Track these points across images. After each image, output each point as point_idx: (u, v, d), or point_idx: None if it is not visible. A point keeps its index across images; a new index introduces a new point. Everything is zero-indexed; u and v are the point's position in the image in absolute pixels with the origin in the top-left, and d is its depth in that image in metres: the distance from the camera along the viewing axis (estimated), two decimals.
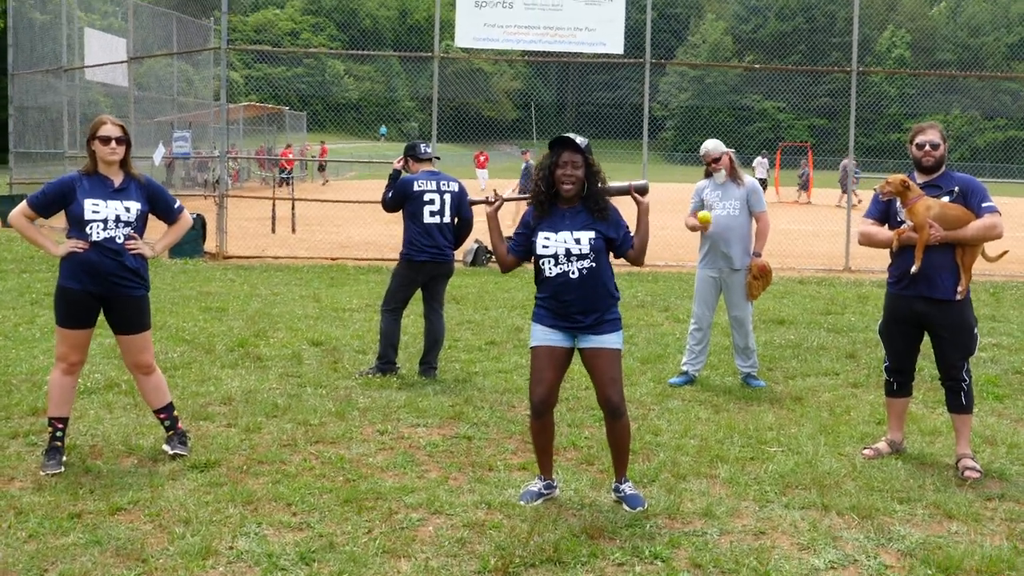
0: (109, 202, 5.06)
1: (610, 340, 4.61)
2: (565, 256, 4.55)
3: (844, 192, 23.99)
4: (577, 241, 4.54)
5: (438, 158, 7.77)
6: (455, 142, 45.30)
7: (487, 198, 4.83)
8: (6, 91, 21.95)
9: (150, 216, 5.35)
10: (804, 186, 33.79)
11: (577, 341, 4.64)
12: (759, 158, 33.52)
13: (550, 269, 4.59)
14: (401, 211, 7.37)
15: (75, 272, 5.04)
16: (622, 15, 15.07)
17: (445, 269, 7.37)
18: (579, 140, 4.58)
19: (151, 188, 5.30)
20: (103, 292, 5.08)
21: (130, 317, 5.19)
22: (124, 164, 5.19)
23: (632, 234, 4.71)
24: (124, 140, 5.12)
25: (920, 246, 5.22)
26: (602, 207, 4.62)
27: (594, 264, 4.57)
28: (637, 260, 4.76)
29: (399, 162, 7.52)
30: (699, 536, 4.31)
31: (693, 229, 7.19)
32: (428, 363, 7.33)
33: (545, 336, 4.64)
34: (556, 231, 4.58)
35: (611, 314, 4.64)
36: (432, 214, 7.24)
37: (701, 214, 7.00)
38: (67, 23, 20.22)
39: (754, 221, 7.30)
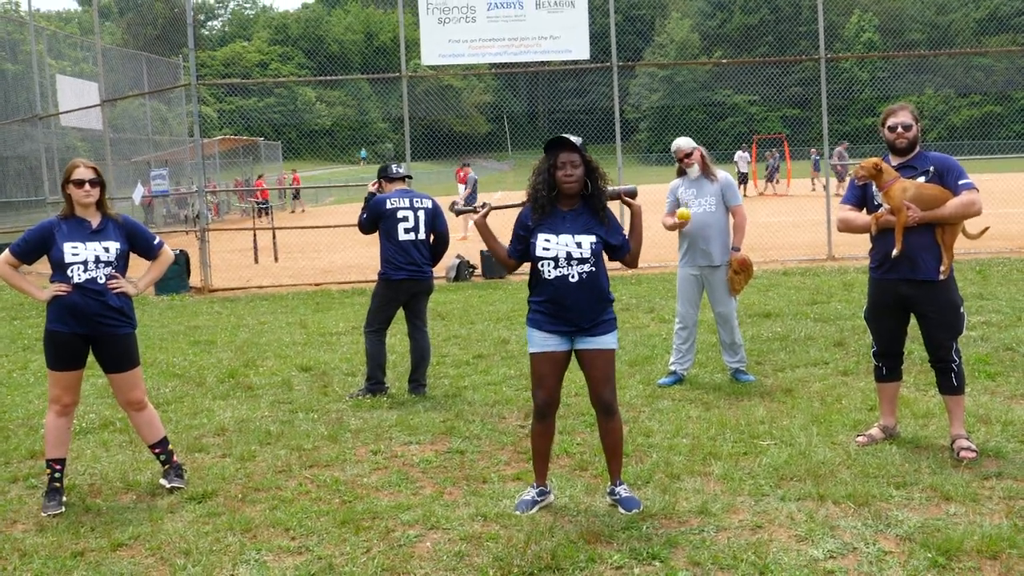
0: (88, 244, 5.11)
1: (607, 341, 4.65)
2: (566, 259, 4.57)
3: (840, 180, 24.11)
4: (579, 245, 4.57)
5: (410, 177, 7.81)
6: (430, 160, 45.32)
7: (474, 207, 4.86)
8: None
9: (132, 255, 5.39)
10: (771, 177, 33.90)
11: (574, 343, 4.67)
12: (740, 152, 33.38)
13: (549, 272, 4.60)
14: (378, 230, 7.40)
15: (61, 315, 5.10)
16: (585, 21, 15.14)
17: (424, 286, 7.39)
18: (574, 139, 4.60)
19: (128, 226, 5.34)
20: (90, 333, 5.13)
21: (118, 355, 5.24)
22: (100, 205, 5.23)
23: (627, 238, 4.75)
24: (98, 182, 5.17)
25: (899, 228, 5.21)
26: (603, 207, 4.66)
27: (594, 268, 4.60)
28: (633, 263, 4.83)
29: (373, 185, 7.58)
30: (696, 534, 4.32)
31: (672, 228, 7.21)
32: (417, 380, 7.34)
33: (544, 342, 4.66)
34: (557, 233, 4.59)
35: (607, 315, 4.68)
36: (407, 231, 7.27)
37: (680, 211, 7.04)
38: (39, 71, 20.24)
39: (731, 215, 7.34)
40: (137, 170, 26.10)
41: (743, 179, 31.74)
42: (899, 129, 5.34)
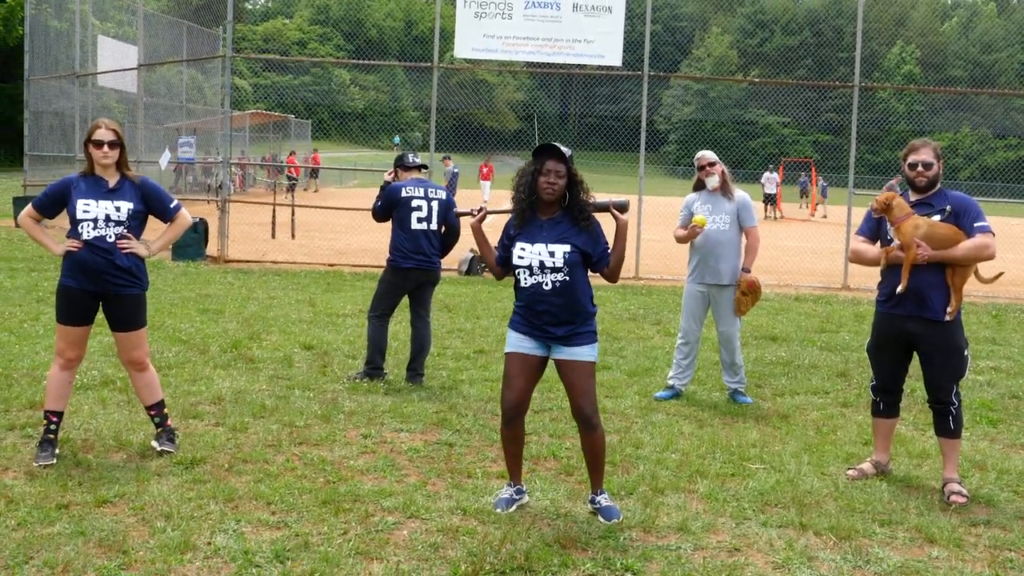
0: (100, 202, 5.18)
1: (582, 352, 4.63)
2: (539, 268, 4.58)
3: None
4: (552, 254, 4.57)
5: (426, 167, 7.84)
6: (456, 152, 45.41)
7: (471, 210, 4.87)
8: (23, 96, 22.18)
9: (152, 218, 5.47)
10: (805, 192, 33.54)
11: (551, 352, 4.67)
12: (768, 173, 32.98)
13: (525, 279, 4.62)
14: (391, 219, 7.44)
15: (72, 270, 5.20)
16: (621, 27, 15.11)
17: (431, 276, 7.42)
18: (564, 150, 4.60)
19: (145, 187, 5.39)
20: (98, 290, 5.22)
21: (125, 314, 5.31)
22: (120, 166, 5.29)
23: (610, 251, 4.73)
24: (117, 144, 5.23)
25: (906, 265, 5.18)
26: (585, 217, 4.64)
27: (568, 278, 4.59)
28: (612, 277, 4.77)
29: (389, 174, 7.61)
30: (672, 551, 4.31)
31: (686, 238, 7.19)
32: (415, 370, 7.37)
33: (519, 343, 4.68)
34: (532, 242, 4.60)
35: (585, 327, 4.65)
36: (419, 220, 7.30)
37: (697, 216, 7.02)
38: (82, 30, 20.43)
39: (744, 236, 7.33)
40: (168, 136, 26.27)
41: (769, 200, 31.39)
42: (919, 167, 5.30)
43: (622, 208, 4.71)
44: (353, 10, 71.50)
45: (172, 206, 5.49)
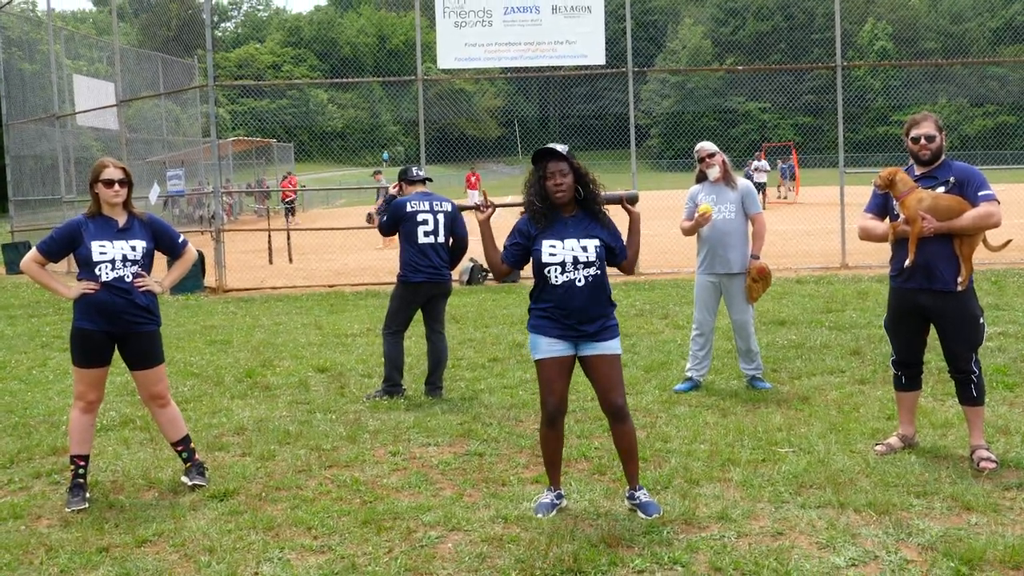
0: (115, 242, 5.17)
1: (611, 346, 4.68)
2: (572, 264, 4.60)
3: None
4: (584, 249, 4.60)
5: (430, 180, 7.85)
6: (441, 163, 45.39)
7: (477, 205, 4.88)
8: (2, 141, 22.13)
9: (156, 253, 5.45)
10: (791, 176, 33.60)
11: (579, 349, 4.69)
12: (756, 162, 32.87)
13: (556, 277, 4.62)
14: (398, 233, 7.45)
15: (88, 312, 5.16)
16: (602, 27, 15.14)
17: (442, 289, 7.43)
18: (560, 148, 4.63)
19: (155, 225, 5.40)
20: (116, 330, 5.20)
21: (144, 352, 5.30)
22: (126, 204, 5.29)
23: (624, 244, 4.77)
24: (126, 182, 5.24)
25: (913, 238, 5.21)
26: (600, 208, 4.69)
27: (599, 271, 4.64)
28: (629, 269, 4.85)
29: (395, 187, 7.63)
30: (717, 540, 4.33)
31: (692, 231, 7.21)
32: (433, 383, 7.38)
33: (550, 347, 4.68)
34: (563, 239, 4.62)
35: (611, 320, 4.71)
36: (426, 234, 7.31)
37: (702, 205, 7.05)
38: (56, 71, 20.39)
39: (750, 223, 7.36)
40: (152, 170, 26.23)
41: (759, 188, 31.27)
42: (922, 140, 5.32)
43: (633, 200, 4.78)
44: (325, 29, 71.58)
45: (180, 242, 5.52)
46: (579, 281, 4.60)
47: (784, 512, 4.66)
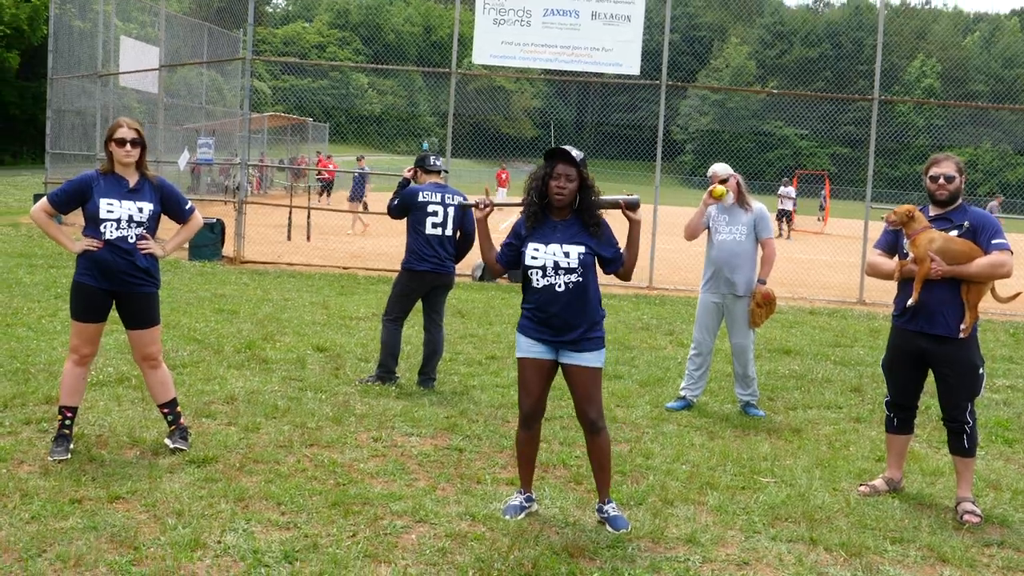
0: (123, 202, 5.22)
1: (589, 359, 4.64)
2: (553, 268, 4.58)
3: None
4: (566, 255, 4.57)
5: (446, 171, 7.86)
6: (472, 158, 45.46)
7: (477, 203, 4.87)
8: (45, 95, 22.39)
9: (163, 217, 5.51)
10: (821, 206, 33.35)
11: (559, 356, 4.67)
12: (783, 188, 32.30)
13: (537, 280, 4.62)
14: (406, 220, 7.46)
15: (89, 269, 5.22)
16: (640, 36, 15.09)
17: (445, 280, 7.44)
18: (575, 153, 4.60)
19: (164, 189, 5.44)
20: (115, 288, 5.26)
21: (140, 312, 5.35)
22: (139, 165, 5.33)
23: (622, 251, 4.73)
24: (139, 142, 5.26)
25: (919, 279, 5.15)
26: (595, 221, 4.64)
27: (581, 279, 4.60)
28: (626, 276, 4.79)
29: (409, 171, 7.65)
30: (681, 562, 4.30)
31: (695, 225, 7.17)
32: (427, 374, 7.39)
33: (530, 348, 4.68)
34: (546, 243, 4.60)
35: (594, 332, 4.65)
36: (434, 225, 7.33)
37: (717, 188, 7.00)
38: (105, 31, 20.59)
39: (760, 248, 7.31)
40: (187, 136, 26.44)
41: (784, 216, 30.37)
42: (941, 180, 5.25)
43: (633, 206, 4.67)
44: (372, 15, 71.89)
45: (187, 208, 5.56)
46: (559, 287, 4.58)
47: (754, 542, 4.62)
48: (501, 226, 11.56)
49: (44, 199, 5.37)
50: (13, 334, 8.27)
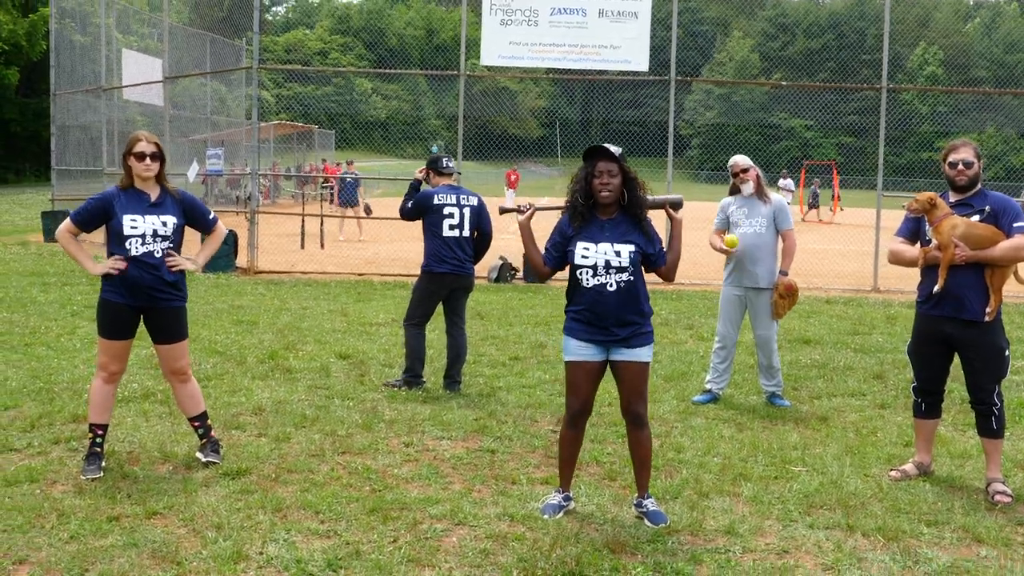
0: (147, 217, 5.20)
1: (640, 353, 4.67)
2: (604, 268, 4.59)
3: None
4: (618, 254, 4.58)
5: (459, 173, 7.87)
6: (480, 160, 45.48)
7: (519, 207, 4.89)
8: (49, 110, 22.47)
9: (187, 229, 5.52)
10: (815, 204, 33.34)
11: (610, 353, 4.69)
12: (783, 180, 32.36)
13: (587, 280, 4.62)
14: (421, 224, 7.47)
15: (116, 285, 5.21)
16: (647, 33, 15.09)
17: (465, 282, 7.46)
18: (613, 149, 4.61)
19: (186, 201, 5.44)
20: (142, 304, 5.25)
21: (168, 327, 5.35)
22: (159, 178, 5.32)
23: (665, 250, 4.75)
24: (159, 156, 5.26)
25: (944, 265, 5.18)
26: (643, 215, 4.67)
27: (632, 277, 4.61)
28: (668, 276, 4.80)
29: (421, 172, 7.65)
30: (722, 553, 4.32)
31: (721, 251, 7.22)
32: (452, 377, 7.41)
33: (579, 351, 4.68)
34: (596, 242, 4.61)
35: (644, 328, 4.68)
36: (451, 227, 7.35)
37: (729, 237, 7.04)
38: (106, 44, 20.65)
39: (780, 239, 7.32)
40: (193, 148, 26.53)
41: None
42: (960, 166, 5.28)
43: (677, 205, 4.75)
44: (374, 19, 71.96)
45: (211, 219, 5.57)
46: (610, 286, 4.59)
47: (792, 531, 4.64)
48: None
49: (67, 219, 5.36)
50: (33, 354, 8.29)
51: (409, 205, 7.50)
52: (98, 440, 5.30)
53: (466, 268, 7.43)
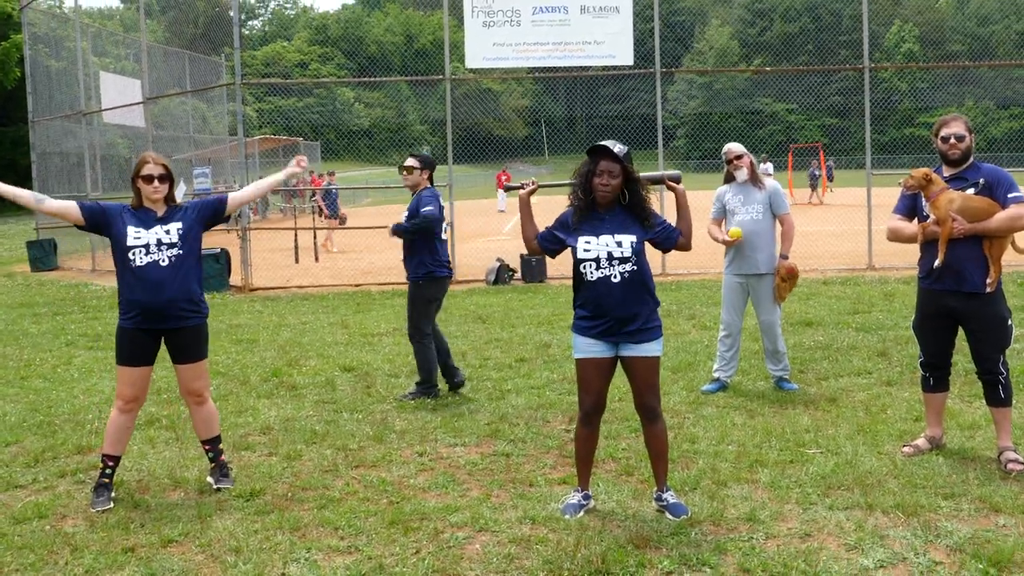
0: (150, 229, 5.16)
1: (650, 348, 4.66)
2: (607, 259, 4.58)
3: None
4: (619, 244, 4.58)
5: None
6: (468, 163, 45.47)
7: (522, 184, 4.89)
8: (27, 138, 22.32)
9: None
10: (815, 185, 33.48)
11: (619, 349, 4.68)
12: (762, 165, 32.45)
13: (591, 273, 4.61)
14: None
15: (130, 310, 5.14)
16: (630, 27, 15.09)
17: (450, 283, 7.60)
18: (617, 148, 4.60)
19: (191, 206, 5.38)
20: (159, 327, 5.17)
21: (187, 347, 5.27)
22: (168, 199, 5.29)
23: (675, 224, 4.76)
24: (167, 177, 5.22)
25: (943, 240, 5.21)
26: (647, 215, 4.67)
27: (636, 267, 4.61)
28: (686, 246, 4.81)
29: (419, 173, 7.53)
30: (745, 541, 4.32)
31: (724, 243, 7.23)
32: (452, 374, 7.41)
33: (588, 348, 4.67)
34: (597, 234, 4.61)
35: (652, 322, 4.67)
36: (444, 231, 7.46)
37: (732, 229, 7.06)
38: (83, 68, 20.54)
39: (778, 223, 7.33)
40: (178, 168, 26.42)
41: None
42: (952, 140, 5.32)
43: (676, 179, 4.80)
44: (352, 28, 71.86)
45: (221, 199, 5.48)
46: (614, 277, 4.58)
47: (812, 514, 4.64)
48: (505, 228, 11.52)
49: (77, 202, 5.31)
50: (31, 386, 8.19)
51: (419, 227, 7.26)
52: (108, 471, 5.21)
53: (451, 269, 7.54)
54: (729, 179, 7.36)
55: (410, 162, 7.51)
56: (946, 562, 4.07)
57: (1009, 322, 5.33)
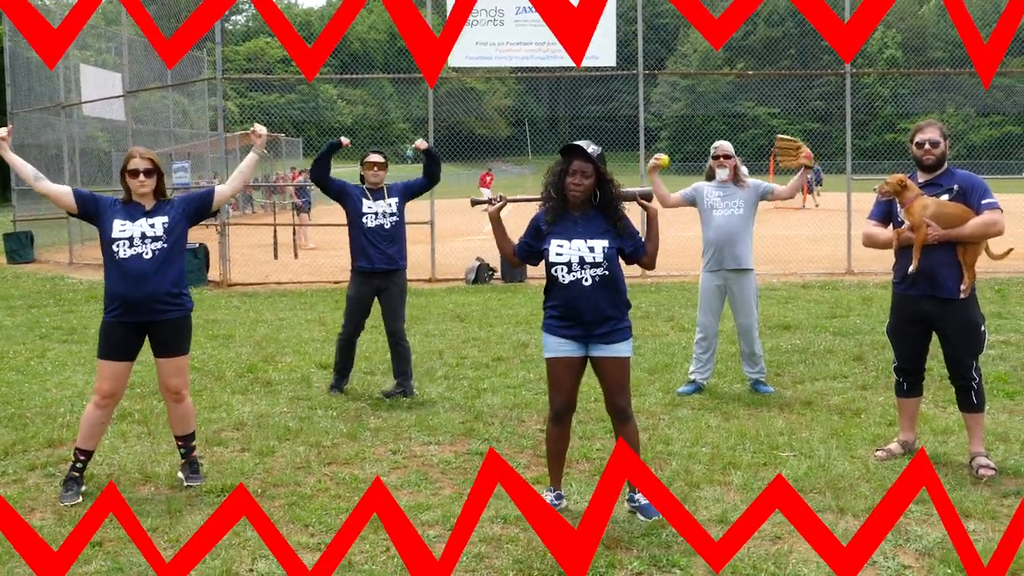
0: (136, 222, 5.13)
1: (620, 349, 4.66)
2: (579, 264, 4.57)
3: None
4: (591, 249, 4.57)
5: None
6: (451, 162, 45.35)
7: (490, 199, 4.87)
8: None
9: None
10: (812, 189, 33.55)
11: (589, 350, 4.67)
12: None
13: (563, 277, 4.60)
14: (403, 226, 7.49)
15: (113, 303, 5.11)
16: (613, 28, 15.12)
17: None
18: (590, 149, 4.59)
19: (177, 200, 5.36)
20: (142, 320, 5.13)
21: (168, 340, 5.23)
22: (157, 193, 5.25)
23: (644, 240, 4.75)
24: (153, 171, 5.19)
25: (917, 245, 5.23)
26: (619, 216, 4.66)
27: (607, 272, 4.60)
28: (650, 264, 4.83)
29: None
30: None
31: (651, 168, 7.26)
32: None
33: (559, 347, 4.67)
34: (570, 239, 4.60)
35: (622, 323, 4.67)
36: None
37: (663, 157, 7.12)
38: (63, 60, 20.35)
39: (775, 196, 7.39)
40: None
41: None
42: (927, 146, 5.34)
43: (648, 197, 4.82)
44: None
45: (209, 191, 5.47)
46: (586, 281, 4.58)
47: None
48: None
49: (72, 188, 5.30)
50: (2, 379, 8.10)
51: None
52: (79, 465, 5.17)
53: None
54: (710, 176, 7.37)
55: (379, 158, 7.63)
56: (915, 566, 4.09)
57: (982, 328, 5.37)
